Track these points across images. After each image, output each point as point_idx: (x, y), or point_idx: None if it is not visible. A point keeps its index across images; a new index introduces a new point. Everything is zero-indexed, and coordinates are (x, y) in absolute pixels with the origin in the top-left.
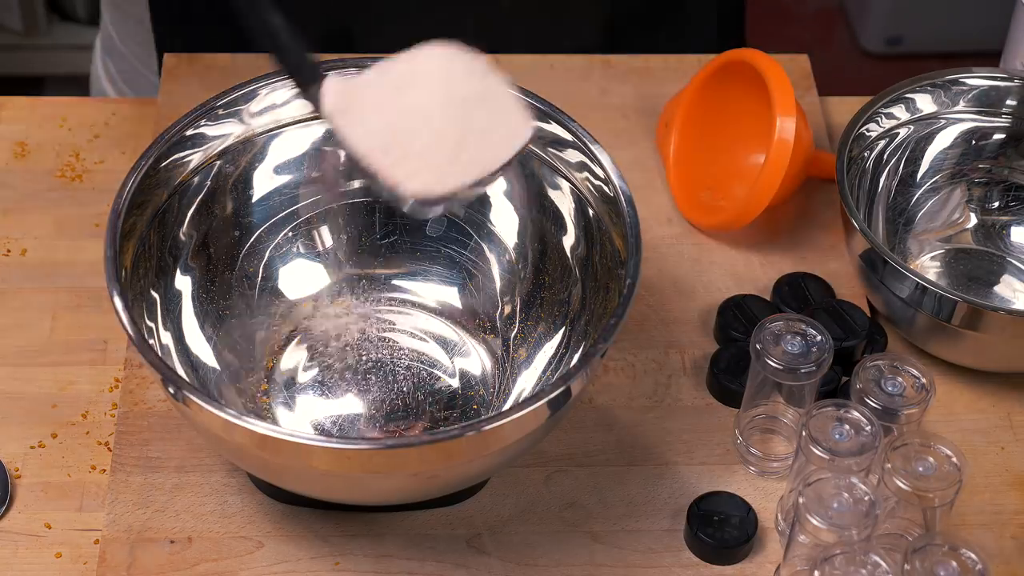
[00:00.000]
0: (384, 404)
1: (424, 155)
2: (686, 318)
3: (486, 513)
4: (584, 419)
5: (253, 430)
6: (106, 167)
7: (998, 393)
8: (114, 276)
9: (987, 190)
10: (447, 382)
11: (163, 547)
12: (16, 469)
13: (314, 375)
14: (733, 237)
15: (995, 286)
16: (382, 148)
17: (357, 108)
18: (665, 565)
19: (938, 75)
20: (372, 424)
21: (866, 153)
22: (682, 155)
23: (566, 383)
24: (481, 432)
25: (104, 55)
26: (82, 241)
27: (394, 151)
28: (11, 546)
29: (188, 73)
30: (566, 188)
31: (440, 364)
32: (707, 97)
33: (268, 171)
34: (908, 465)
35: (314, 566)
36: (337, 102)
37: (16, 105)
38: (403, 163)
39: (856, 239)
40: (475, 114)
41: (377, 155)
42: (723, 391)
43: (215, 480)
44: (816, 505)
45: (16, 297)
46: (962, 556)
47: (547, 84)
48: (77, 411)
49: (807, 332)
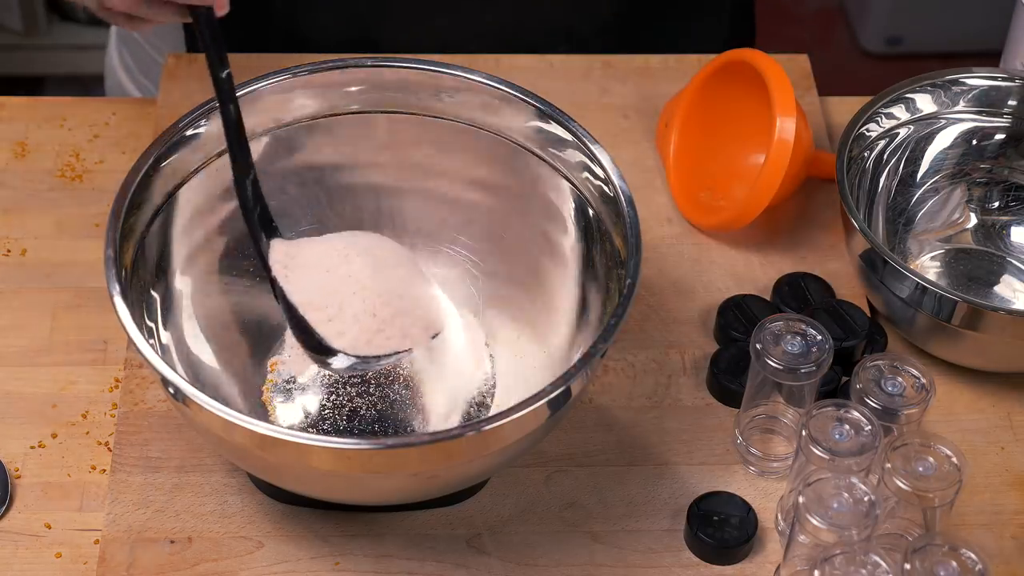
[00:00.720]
0: (384, 403)
1: (355, 320)
2: (686, 318)
3: (486, 513)
4: (584, 419)
5: (253, 430)
6: (106, 167)
7: (998, 393)
8: (114, 276)
9: (987, 190)
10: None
11: (163, 547)
12: (16, 469)
13: (314, 375)
14: (733, 237)
15: (995, 286)
16: (317, 305)
17: (300, 267)
18: (665, 565)
19: (938, 75)
20: (372, 423)
21: (866, 153)
22: (682, 155)
23: (566, 383)
24: (481, 432)
25: (119, 44)
26: (82, 241)
27: (328, 310)
28: (11, 546)
29: (188, 73)
30: (566, 188)
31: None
32: (707, 97)
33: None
34: (908, 465)
35: (314, 566)
36: (283, 259)
37: (16, 105)
38: (334, 322)
39: (856, 239)
40: (401, 297)
41: (311, 310)
42: (723, 391)
43: (215, 480)
44: (816, 505)
45: (16, 297)
46: (962, 556)
47: (547, 84)
48: (77, 411)
49: (807, 332)
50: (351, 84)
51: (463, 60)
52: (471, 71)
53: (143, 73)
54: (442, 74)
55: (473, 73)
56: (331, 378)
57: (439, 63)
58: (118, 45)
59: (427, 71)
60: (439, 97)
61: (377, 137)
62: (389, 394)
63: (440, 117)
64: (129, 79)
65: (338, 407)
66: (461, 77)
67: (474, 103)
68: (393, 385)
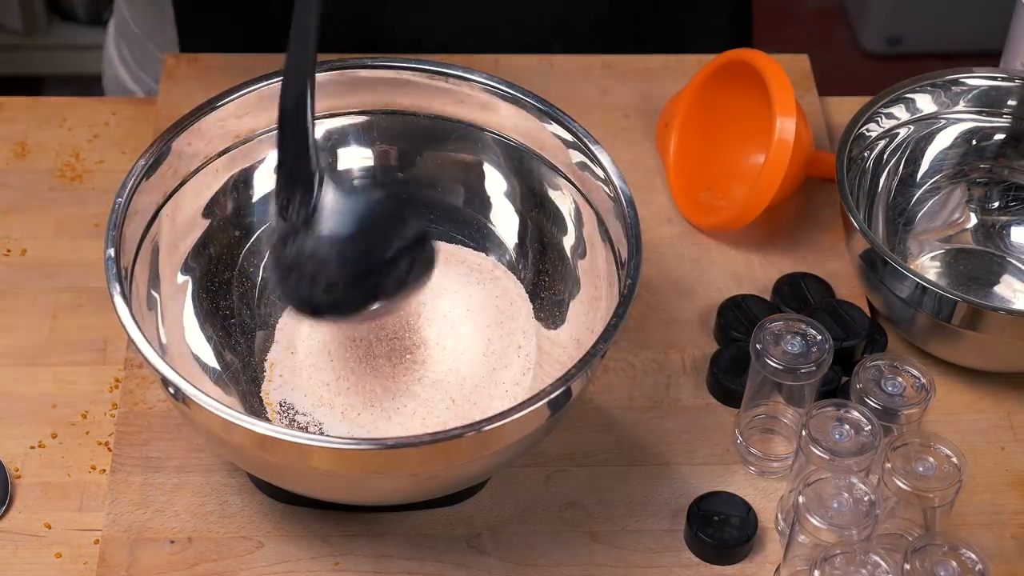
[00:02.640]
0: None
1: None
2: (686, 318)
3: (486, 513)
4: (584, 419)
5: (253, 430)
6: (106, 167)
7: (998, 393)
8: (114, 276)
9: (987, 190)
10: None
11: (163, 547)
12: (16, 469)
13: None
14: (733, 237)
15: (995, 286)
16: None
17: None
18: (665, 565)
19: (938, 75)
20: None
21: (866, 153)
22: (682, 155)
23: (566, 383)
24: (481, 432)
25: (117, 38)
26: (82, 241)
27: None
28: (11, 546)
29: (188, 73)
30: (566, 188)
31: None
32: (707, 97)
33: (268, 171)
34: (908, 465)
35: (314, 566)
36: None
37: (16, 105)
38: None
39: (856, 239)
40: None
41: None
42: (723, 391)
43: (215, 480)
44: (816, 505)
45: (16, 297)
46: (962, 556)
47: (547, 84)
48: (77, 411)
49: (807, 332)
50: (351, 84)
51: (462, 60)
52: (471, 71)
53: (141, 68)
54: (442, 74)
55: (473, 73)
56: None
57: (439, 63)
58: (116, 39)
59: (427, 71)
60: (439, 97)
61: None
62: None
63: (440, 117)
64: (127, 74)
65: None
66: (461, 77)
67: (474, 103)
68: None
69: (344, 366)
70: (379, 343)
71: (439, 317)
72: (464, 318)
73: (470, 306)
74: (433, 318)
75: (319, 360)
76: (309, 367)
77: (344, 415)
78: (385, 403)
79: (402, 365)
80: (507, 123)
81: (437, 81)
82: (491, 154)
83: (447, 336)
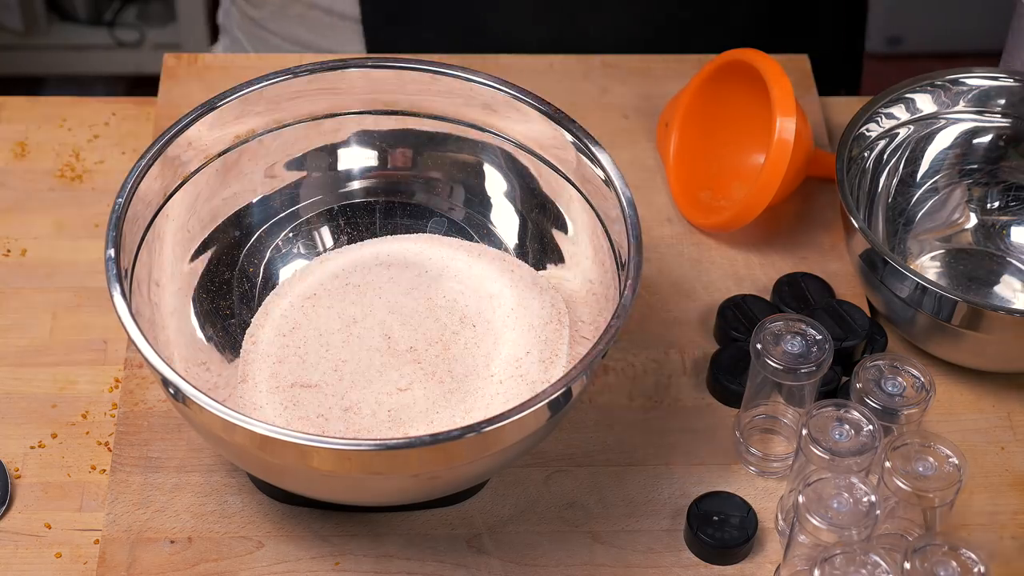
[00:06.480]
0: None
1: None
2: (686, 318)
3: (486, 513)
4: (584, 419)
5: (253, 430)
6: (106, 167)
7: (998, 393)
8: (114, 276)
9: (987, 190)
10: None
11: (163, 547)
12: (16, 469)
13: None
14: (733, 237)
15: (995, 286)
16: None
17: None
18: (665, 565)
19: (938, 75)
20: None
21: (866, 153)
22: (682, 155)
23: (566, 383)
24: (481, 433)
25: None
26: (82, 241)
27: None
28: (11, 546)
29: (188, 73)
30: (566, 188)
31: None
32: (707, 97)
33: (268, 171)
34: (908, 465)
35: (314, 566)
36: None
37: (16, 105)
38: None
39: (856, 239)
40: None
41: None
42: (723, 391)
43: (215, 480)
44: (816, 505)
45: (16, 297)
46: (962, 556)
47: (547, 84)
48: (77, 411)
49: (807, 332)
50: (351, 84)
51: (462, 60)
52: (471, 71)
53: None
54: (442, 74)
55: (473, 73)
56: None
57: (439, 63)
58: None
59: (427, 71)
60: (440, 97)
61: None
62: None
63: (441, 117)
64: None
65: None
66: (461, 77)
67: (475, 103)
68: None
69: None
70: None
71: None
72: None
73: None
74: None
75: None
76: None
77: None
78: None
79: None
80: (507, 123)
81: (438, 81)
82: (491, 154)
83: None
